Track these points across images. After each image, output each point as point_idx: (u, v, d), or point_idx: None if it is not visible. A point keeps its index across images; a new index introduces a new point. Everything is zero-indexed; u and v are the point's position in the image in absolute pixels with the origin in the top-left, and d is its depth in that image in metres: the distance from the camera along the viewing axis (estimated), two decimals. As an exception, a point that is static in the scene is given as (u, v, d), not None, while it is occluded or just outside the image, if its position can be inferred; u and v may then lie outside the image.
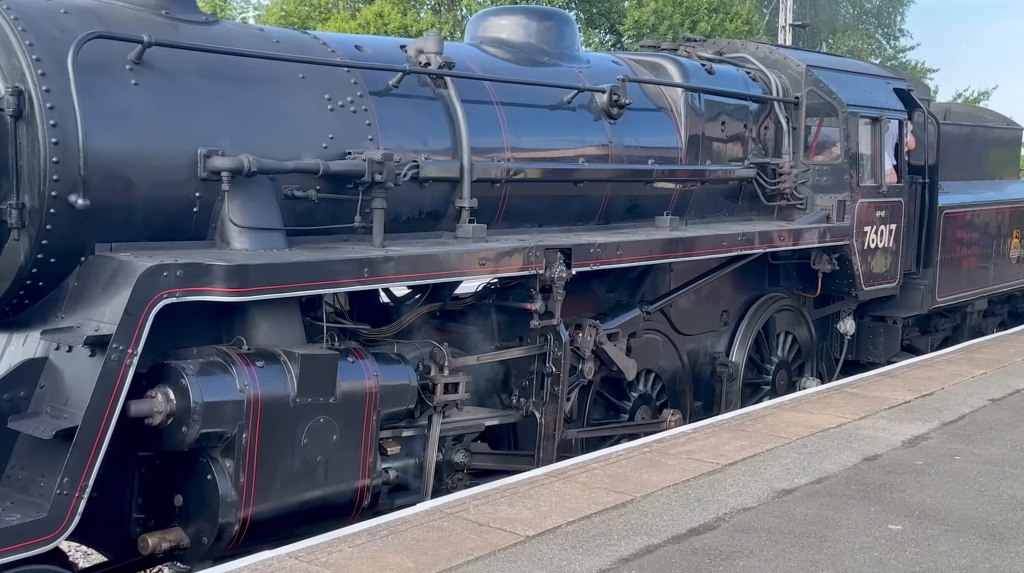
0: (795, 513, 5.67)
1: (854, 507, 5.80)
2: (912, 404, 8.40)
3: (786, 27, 27.68)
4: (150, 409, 4.91)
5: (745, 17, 31.38)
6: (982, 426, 7.75)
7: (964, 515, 5.75)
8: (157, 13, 5.63)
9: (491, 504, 5.62)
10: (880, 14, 45.47)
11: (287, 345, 5.48)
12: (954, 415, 8.03)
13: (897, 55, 43.63)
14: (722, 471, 6.36)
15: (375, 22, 28.01)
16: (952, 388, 9.08)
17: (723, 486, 6.07)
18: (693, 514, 5.57)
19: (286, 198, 5.81)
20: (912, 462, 6.74)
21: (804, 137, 10.08)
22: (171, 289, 4.88)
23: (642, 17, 28.26)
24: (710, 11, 29.62)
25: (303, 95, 6.03)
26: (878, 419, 7.83)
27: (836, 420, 7.71)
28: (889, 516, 5.67)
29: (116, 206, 5.10)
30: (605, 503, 5.68)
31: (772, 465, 6.54)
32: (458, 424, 6.68)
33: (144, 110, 5.23)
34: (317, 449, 5.44)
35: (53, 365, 4.89)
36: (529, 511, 5.51)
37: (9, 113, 4.82)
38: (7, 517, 4.47)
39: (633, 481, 6.10)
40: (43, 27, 4.99)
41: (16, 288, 5.05)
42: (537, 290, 6.84)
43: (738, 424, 7.58)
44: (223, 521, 5.10)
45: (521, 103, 7.41)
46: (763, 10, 35.75)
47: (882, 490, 6.14)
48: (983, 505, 5.94)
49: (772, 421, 7.69)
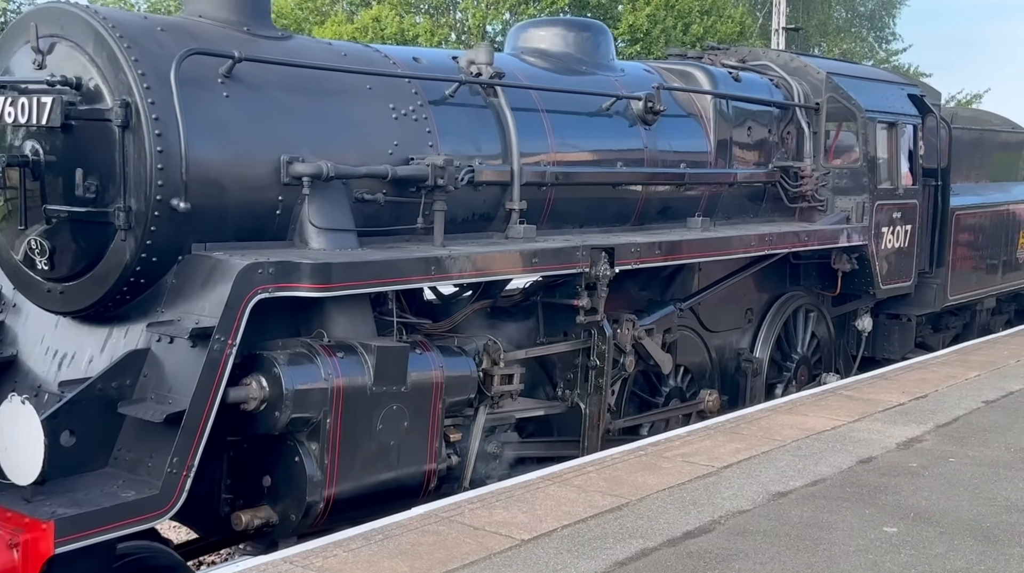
0: (790, 516, 5.67)
1: (849, 509, 5.80)
2: (906, 406, 8.41)
3: (779, 30, 27.76)
4: (246, 395, 5.33)
5: (738, 20, 31.60)
6: (976, 428, 7.77)
7: (959, 517, 5.75)
8: (239, 30, 6.06)
9: (486, 508, 5.62)
10: (872, 17, 45.66)
11: (361, 338, 5.90)
12: (948, 417, 8.05)
13: (889, 58, 43.89)
14: (717, 474, 6.37)
15: (372, 26, 27.95)
16: (946, 390, 9.09)
17: (718, 489, 6.07)
18: (688, 517, 5.58)
19: (356, 201, 6.22)
20: (907, 464, 6.74)
21: (824, 141, 10.51)
22: (265, 285, 5.30)
23: (636, 21, 28.51)
24: (702, 14, 29.85)
25: (371, 105, 6.45)
26: (872, 421, 7.83)
27: (831, 422, 7.74)
28: (884, 518, 5.67)
29: (211, 209, 5.52)
30: (601, 506, 5.68)
31: (767, 468, 6.54)
32: (493, 415, 7.05)
33: (234, 120, 5.66)
34: (390, 434, 5.86)
35: (155, 356, 5.30)
36: (525, 515, 5.51)
37: (117, 124, 5.23)
38: (123, 493, 4.88)
39: (628, 484, 6.10)
40: (145, 44, 5.41)
41: (120, 285, 5.46)
42: (583, 287, 7.26)
43: (733, 427, 7.60)
44: (310, 500, 5.52)
45: (564, 110, 7.83)
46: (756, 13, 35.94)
47: (877, 492, 6.14)
48: (978, 507, 5.94)
49: (767, 424, 7.71)
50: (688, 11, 29.46)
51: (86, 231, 5.45)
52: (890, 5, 45.17)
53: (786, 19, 28.34)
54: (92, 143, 5.35)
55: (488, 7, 29.68)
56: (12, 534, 4.61)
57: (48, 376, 5.76)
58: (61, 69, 5.39)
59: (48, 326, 5.89)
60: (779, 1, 27.51)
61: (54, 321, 5.88)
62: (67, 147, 5.41)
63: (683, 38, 28.47)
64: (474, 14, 29.41)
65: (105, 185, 5.33)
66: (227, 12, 6.06)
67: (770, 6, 28.97)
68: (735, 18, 31.06)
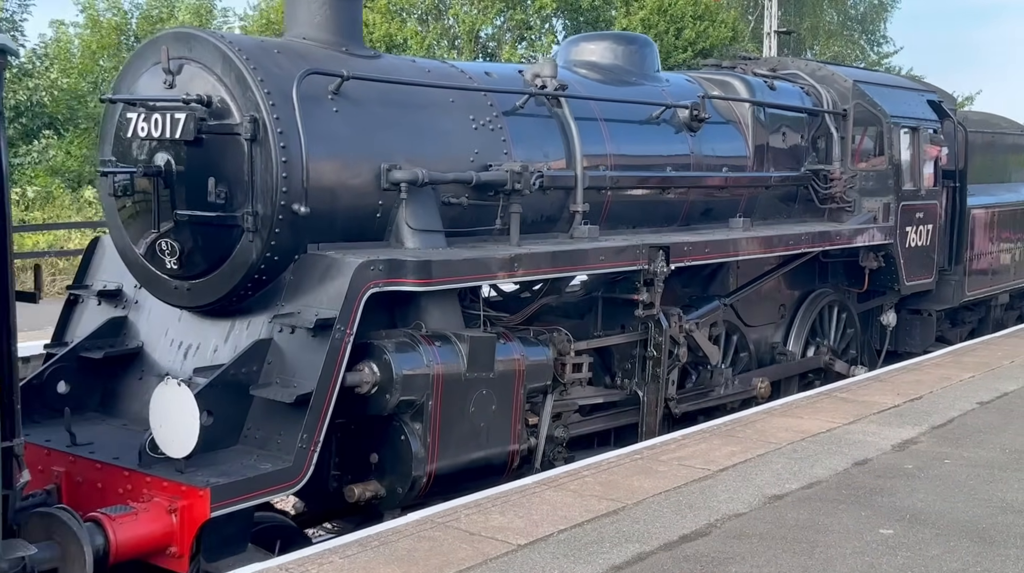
0: (786, 518, 5.68)
1: (845, 512, 5.81)
2: (901, 408, 8.43)
3: (771, 34, 28.00)
4: (360, 380, 5.93)
5: (730, 24, 31.88)
6: (971, 429, 7.81)
7: (955, 519, 5.77)
8: (338, 50, 6.67)
9: (482, 513, 5.64)
10: (864, 20, 45.95)
11: (452, 329, 6.51)
12: (943, 419, 8.08)
13: (880, 61, 44.23)
14: (713, 477, 6.39)
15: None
16: (941, 392, 9.12)
17: (714, 492, 6.09)
18: (685, 521, 5.59)
19: (443, 204, 6.84)
20: (902, 466, 6.77)
21: (851, 145, 11.12)
22: (377, 280, 5.91)
23: (630, 25, 28.80)
24: (695, 19, 30.14)
25: (454, 117, 7.07)
26: (868, 423, 7.87)
27: (826, 425, 7.78)
28: (880, 520, 5.68)
29: (324, 213, 6.12)
30: (597, 510, 5.69)
31: (763, 471, 6.56)
32: (560, 402, 7.64)
33: (343, 133, 6.28)
34: (481, 416, 6.46)
35: (277, 345, 5.91)
36: (521, 520, 5.52)
37: (245, 137, 5.83)
38: (261, 466, 5.49)
39: (624, 488, 6.12)
40: (267, 65, 6.02)
41: (245, 281, 6.07)
42: (642, 283, 7.87)
43: (729, 430, 7.66)
44: (415, 474, 6.12)
45: (619, 119, 8.45)
46: (748, 17, 36.24)
47: (873, 494, 6.15)
48: (973, 509, 5.95)
49: (762, 426, 7.74)
50: (681, 16, 29.62)
51: (214, 233, 6.06)
52: (881, 8, 45.57)
53: (778, 22, 28.53)
54: (221, 154, 5.96)
55: (479, 12, 30.09)
56: (170, 501, 5.21)
57: (174, 365, 6.37)
58: (191, 88, 6.00)
59: (172, 320, 6.50)
60: (770, 5, 27.70)
61: (177, 315, 6.48)
62: (197, 158, 6.01)
63: (676, 42, 28.85)
64: (463, 20, 29.65)
65: (234, 192, 5.94)
66: (327, 34, 6.68)
67: (762, 10, 29.25)
68: (727, 22, 31.34)
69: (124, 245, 6.48)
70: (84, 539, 4.72)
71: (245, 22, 33.60)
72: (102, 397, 6.52)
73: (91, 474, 5.57)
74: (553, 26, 30.46)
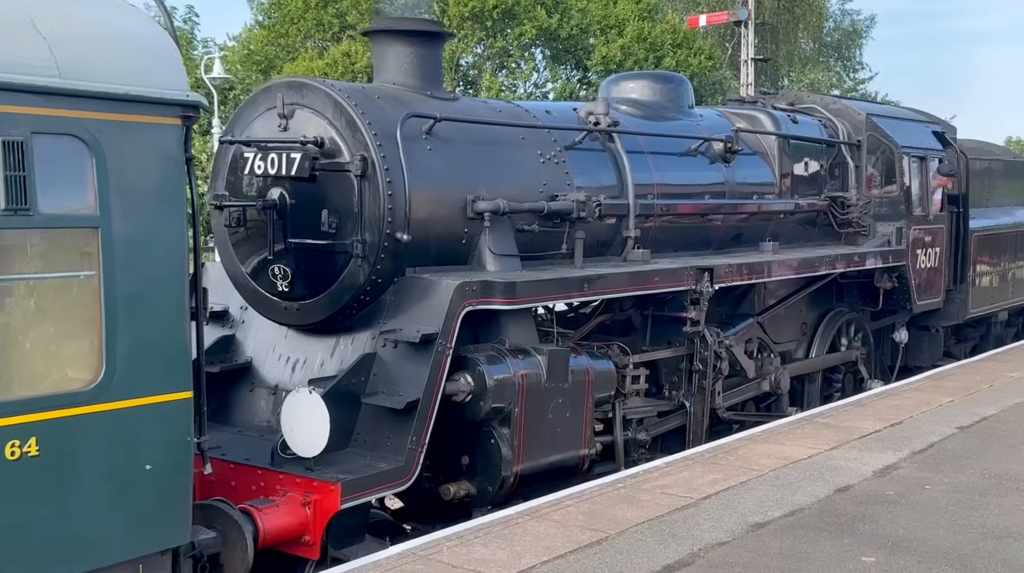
0: (769, 547, 5.66)
1: (827, 540, 5.80)
2: (882, 433, 8.45)
3: (748, 61, 28.46)
4: (457, 389, 6.63)
5: (708, 52, 32.38)
6: (951, 454, 7.83)
7: (936, 546, 5.74)
8: (424, 94, 7.42)
9: (464, 545, 5.61)
10: (839, 47, 46.90)
11: (529, 343, 7.22)
12: (923, 444, 8.10)
13: (856, 87, 45.07)
14: (696, 505, 6.38)
15: (343, 61, 28.37)
16: (920, 416, 9.15)
17: (697, 521, 6.06)
18: (668, 550, 5.56)
19: (517, 231, 7.56)
20: (883, 492, 6.76)
21: (865, 174, 11.92)
22: (471, 300, 6.63)
23: (610, 53, 29.29)
24: (674, 47, 30.64)
25: (524, 152, 7.82)
26: (849, 449, 7.89)
27: (808, 451, 7.80)
28: (862, 548, 5.65)
29: (421, 239, 6.83)
30: (580, 541, 5.66)
31: (746, 498, 6.56)
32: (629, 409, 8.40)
33: (436, 168, 7.01)
34: (558, 422, 7.16)
35: (381, 358, 6.61)
36: (503, 551, 5.48)
37: (355, 174, 6.55)
38: (377, 465, 6.17)
39: (607, 518, 6.10)
40: (372, 109, 6.76)
41: (352, 301, 6.77)
42: (689, 302, 8.61)
43: (711, 457, 7.68)
44: (504, 474, 6.81)
45: (663, 152, 9.22)
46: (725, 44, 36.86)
47: (855, 522, 6.13)
48: (954, 535, 5.93)
49: (744, 453, 7.77)
50: (660, 44, 30.25)
51: (325, 259, 6.76)
52: (856, 36, 46.45)
53: (754, 50, 28.96)
54: (332, 189, 6.68)
55: (459, 40, 30.52)
56: (304, 495, 5.89)
57: (283, 377, 7.05)
58: (304, 130, 6.72)
59: (278, 337, 7.19)
60: (747, 33, 28.12)
61: (283, 333, 7.17)
62: (308, 192, 6.73)
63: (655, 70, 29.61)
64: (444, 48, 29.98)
65: (344, 222, 6.65)
66: (413, 80, 7.44)
67: (739, 38, 29.79)
68: (705, 50, 31.88)
69: (236, 270, 7.18)
70: (245, 526, 5.39)
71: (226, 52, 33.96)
72: (215, 407, 7.18)
73: (224, 474, 6.22)
74: (533, 54, 30.94)
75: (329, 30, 29.86)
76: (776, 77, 40.45)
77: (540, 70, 31.87)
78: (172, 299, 4.71)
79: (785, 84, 41.06)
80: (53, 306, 4.33)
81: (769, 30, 37.56)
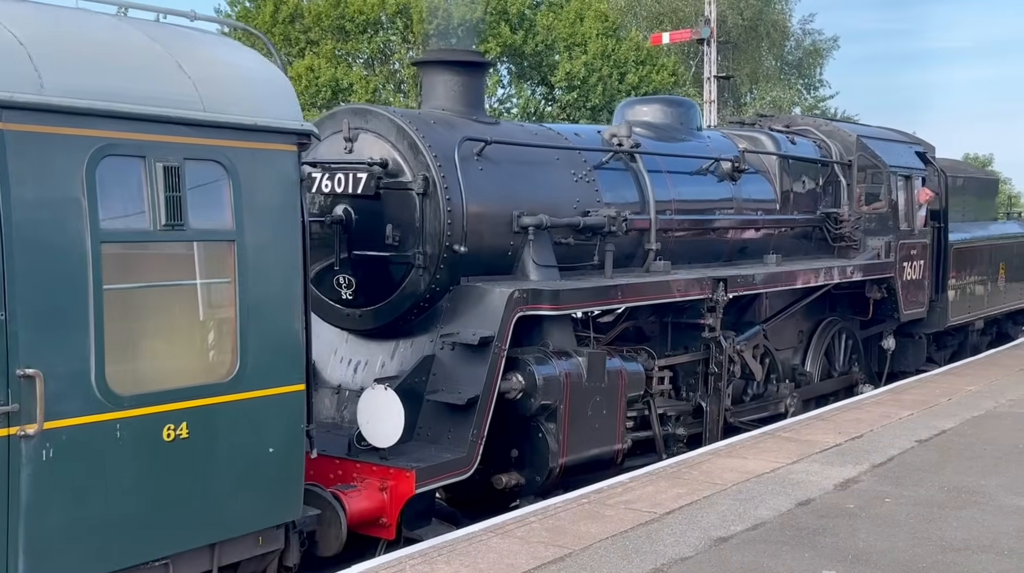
0: (731, 562, 5.70)
1: (789, 553, 5.83)
2: (843, 447, 8.55)
3: (711, 79, 28.94)
4: (510, 386, 7.29)
5: (671, 69, 32.85)
6: (910, 468, 7.90)
7: (895, 558, 5.78)
8: (470, 118, 8.11)
9: (428, 563, 5.60)
10: (801, 66, 47.67)
11: (569, 346, 7.90)
12: (883, 457, 8.18)
13: (817, 104, 45.83)
14: (660, 520, 6.43)
15: (306, 75, 28.26)
16: (880, 430, 9.26)
17: (660, 536, 6.12)
18: (631, 566, 5.58)
19: (555, 244, 8.25)
20: (844, 506, 6.82)
21: (855, 191, 12.73)
22: (523, 306, 7.30)
23: (573, 69, 29.73)
24: (638, 63, 31.11)
25: (559, 172, 8.52)
26: (811, 463, 7.98)
27: (770, 465, 7.88)
28: (823, 561, 5.69)
29: (474, 251, 7.49)
30: (543, 557, 5.68)
31: (708, 513, 6.63)
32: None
33: (487, 186, 7.69)
34: (596, 419, 7.84)
35: (440, 359, 7.26)
36: (467, 568, 5.49)
37: (417, 192, 7.22)
38: (444, 455, 6.82)
39: (571, 533, 6.14)
40: (430, 133, 7.43)
41: (412, 308, 7.43)
42: (706, 310, 9.33)
43: (675, 472, 7.75)
44: (551, 465, 7.47)
45: (678, 171, 9.95)
46: (688, 62, 37.40)
47: (816, 535, 6.20)
48: (914, 548, 5.98)
49: (708, 468, 7.87)
50: (624, 60, 30.42)
51: (387, 269, 7.40)
52: (817, 54, 47.38)
53: (717, 67, 29.49)
54: (395, 206, 7.33)
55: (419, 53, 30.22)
56: (381, 481, 6.52)
57: (345, 378, 7.68)
58: (369, 153, 7.38)
59: (339, 341, 7.82)
60: (709, 50, 28.69)
61: (344, 337, 7.80)
62: (372, 208, 7.37)
63: (619, 86, 29.97)
64: (408, 64, 29.29)
65: (406, 235, 7.30)
66: (460, 106, 8.13)
67: (701, 55, 30.36)
68: (668, 67, 32.39)
69: (300, 280, 7.80)
70: (338, 507, 6.02)
71: None
72: (282, 406, 7.79)
73: (304, 464, 6.84)
74: (498, 70, 31.06)
75: (296, 45, 29.83)
76: (738, 94, 41.15)
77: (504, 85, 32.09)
78: (291, 302, 5.36)
79: (747, 101, 41.78)
80: (198, 309, 4.96)
81: (732, 48, 38.25)
